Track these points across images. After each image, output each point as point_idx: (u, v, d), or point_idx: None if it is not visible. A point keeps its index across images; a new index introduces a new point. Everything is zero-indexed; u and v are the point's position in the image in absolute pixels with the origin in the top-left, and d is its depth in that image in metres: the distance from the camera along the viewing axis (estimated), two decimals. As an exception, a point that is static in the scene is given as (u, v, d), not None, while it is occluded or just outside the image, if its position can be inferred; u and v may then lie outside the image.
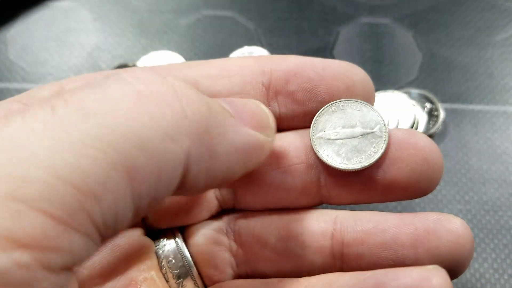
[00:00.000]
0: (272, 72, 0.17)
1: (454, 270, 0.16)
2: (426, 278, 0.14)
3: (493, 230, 0.25)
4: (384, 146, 0.17)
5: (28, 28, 0.31)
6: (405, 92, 0.28)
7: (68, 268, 0.11)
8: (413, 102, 0.27)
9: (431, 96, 0.28)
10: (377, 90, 0.28)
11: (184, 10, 0.32)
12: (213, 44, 0.30)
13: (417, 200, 0.26)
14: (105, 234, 0.12)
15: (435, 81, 0.29)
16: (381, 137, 0.17)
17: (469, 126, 0.28)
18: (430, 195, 0.26)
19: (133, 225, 0.18)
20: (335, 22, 0.31)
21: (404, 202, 0.26)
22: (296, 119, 0.18)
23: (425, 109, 0.27)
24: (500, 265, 0.24)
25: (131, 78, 0.12)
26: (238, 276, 0.18)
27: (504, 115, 0.28)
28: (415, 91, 0.28)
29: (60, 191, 0.10)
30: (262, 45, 0.30)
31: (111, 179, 0.11)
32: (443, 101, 0.28)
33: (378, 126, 0.17)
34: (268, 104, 0.18)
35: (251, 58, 0.18)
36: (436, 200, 0.26)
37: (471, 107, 0.28)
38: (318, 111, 0.17)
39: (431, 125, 0.27)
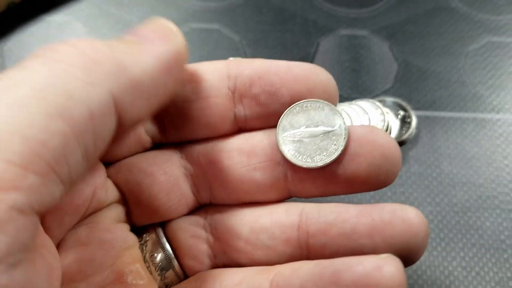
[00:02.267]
0: (237, 76, 0.18)
1: (408, 257, 0.17)
2: (378, 266, 0.15)
3: (461, 230, 0.27)
4: (344, 143, 0.18)
5: (24, 41, 0.33)
6: (380, 100, 0.29)
7: (35, 210, 0.13)
8: (387, 109, 0.28)
9: (404, 104, 0.29)
10: (354, 98, 0.30)
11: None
12: (200, 55, 0.32)
13: (390, 202, 0.27)
14: (61, 172, 0.13)
15: (409, 89, 0.31)
16: (341, 134, 0.18)
17: (440, 132, 0.29)
18: (402, 197, 0.27)
19: (119, 221, 0.19)
20: (316, 34, 0.33)
21: (375, 201, 0.27)
22: (261, 120, 0.19)
23: (399, 116, 0.29)
24: (468, 263, 0.26)
25: (42, 51, 0.14)
26: (216, 265, 0.20)
27: (474, 121, 0.30)
28: (389, 99, 0.29)
29: (10, 141, 0.12)
30: (246, 56, 0.32)
31: (49, 125, 0.13)
32: (416, 108, 0.30)
33: (338, 125, 0.18)
34: (234, 106, 0.19)
35: (221, 62, 0.19)
36: (408, 202, 0.27)
37: (443, 114, 0.30)
38: (282, 112, 0.18)
39: (403, 131, 0.28)
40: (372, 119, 0.27)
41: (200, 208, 0.20)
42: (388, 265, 0.15)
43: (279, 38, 0.32)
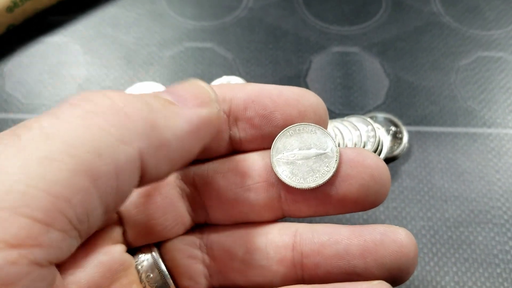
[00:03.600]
0: (232, 99, 0.19)
1: (399, 277, 0.18)
2: None
3: (454, 245, 0.27)
4: (335, 165, 0.18)
5: (23, 62, 0.33)
6: (371, 117, 0.29)
7: (53, 263, 0.13)
8: (378, 125, 0.29)
9: (395, 119, 0.29)
10: (346, 114, 0.30)
11: (167, 42, 0.34)
12: (195, 74, 0.32)
13: (382, 217, 0.27)
14: (81, 229, 0.14)
15: (400, 105, 0.31)
16: (332, 157, 0.19)
17: (432, 147, 0.30)
18: (394, 212, 0.28)
19: (116, 242, 0.20)
20: (308, 52, 0.33)
21: (368, 216, 0.28)
22: (255, 142, 0.19)
23: (390, 132, 0.29)
24: (460, 278, 0.26)
25: (77, 100, 0.15)
26: (211, 286, 0.20)
27: (466, 136, 0.30)
28: (381, 115, 0.30)
29: (36, 197, 0.13)
30: (239, 74, 0.32)
31: (76, 182, 0.13)
32: (407, 124, 0.30)
33: (330, 147, 0.19)
34: (229, 129, 0.19)
35: (214, 87, 0.19)
36: (401, 217, 0.28)
37: (434, 129, 0.30)
38: (275, 134, 0.19)
39: (395, 147, 0.29)
40: (363, 135, 0.28)
41: (196, 227, 0.21)
42: None
43: (271, 56, 0.33)
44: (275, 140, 0.19)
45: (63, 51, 0.34)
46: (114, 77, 0.32)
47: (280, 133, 0.19)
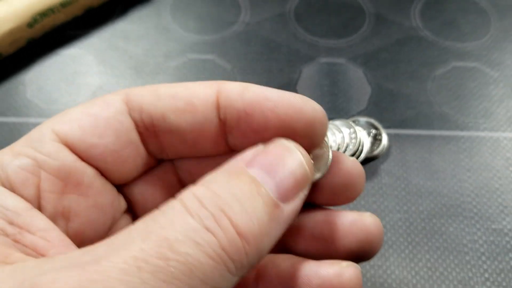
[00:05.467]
0: (227, 109, 0.19)
1: (365, 257, 0.20)
2: (339, 273, 0.18)
3: (427, 235, 0.30)
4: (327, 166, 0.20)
5: (43, 72, 0.37)
6: (354, 120, 0.33)
7: None
8: (360, 128, 0.32)
9: (376, 123, 0.33)
10: (331, 118, 0.33)
11: (173, 54, 0.37)
12: (197, 82, 0.36)
13: (363, 210, 0.31)
14: None
15: (381, 110, 0.34)
16: (326, 162, 0.20)
17: (409, 148, 0.33)
18: (374, 206, 0.31)
19: None
20: (299, 62, 0.37)
21: (352, 205, 0.31)
22: (250, 145, 0.20)
23: (371, 134, 0.32)
24: (433, 264, 0.29)
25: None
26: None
27: (440, 138, 0.33)
28: (363, 119, 0.33)
29: None
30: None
31: None
32: (387, 127, 0.33)
33: (323, 148, 0.20)
34: (225, 136, 0.19)
35: (213, 88, 0.19)
36: (379, 210, 0.31)
37: (411, 131, 0.34)
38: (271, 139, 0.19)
39: (375, 147, 0.32)
40: (346, 137, 0.31)
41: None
42: (349, 273, 0.18)
43: (266, 66, 0.36)
44: None
45: (78, 62, 0.37)
46: (124, 85, 0.36)
47: None
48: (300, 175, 0.17)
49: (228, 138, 0.19)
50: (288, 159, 0.17)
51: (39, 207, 0.18)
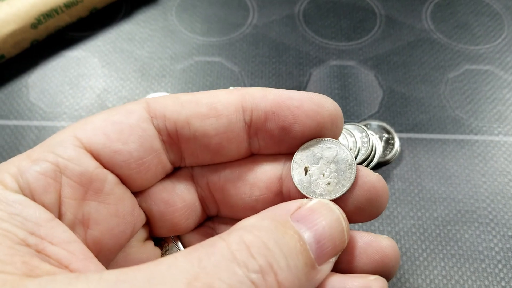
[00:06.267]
0: (253, 110, 0.19)
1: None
2: (367, 286, 0.18)
3: (442, 242, 0.29)
4: (349, 185, 0.19)
5: (46, 74, 0.36)
6: (366, 124, 0.32)
7: None
8: (372, 132, 0.31)
9: (388, 127, 0.32)
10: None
11: (179, 56, 0.37)
12: (204, 85, 0.35)
13: (375, 216, 0.30)
14: None
15: (393, 114, 0.34)
16: (349, 177, 0.19)
17: (422, 153, 0.32)
18: (387, 212, 0.30)
19: (145, 239, 0.21)
20: (308, 65, 0.36)
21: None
22: (272, 148, 0.21)
23: (383, 138, 0.32)
24: (448, 272, 0.28)
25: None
26: None
27: (454, 142, 0.32)
28: (374, 123, 0.32)
29: None
30: (245, 86, 0.35)
31: None
32: (399, 131, 0.33)
33: (347, 163, 0.20)
34: (249, 138, 0.20)
35: (235, 94, 0.19)
36: (393, 216, 0.30)
37: (424, 135, 0.33)
38: (293, 143, 0.20)
39: (387, 152, 0.31)
40: (358, 141, 0.30)
41: (208, 219, 0.23)
42: (375, 286, 0.18)
43: (274, 69, 0.36)
44: (295, 154, 0.20)
45: (83, 64, 0.36)
46: (129, 88, 0.35)
47: (301, 146, 0.20)
48: (338, 240, 0.17)
49: (252, 141, 0.20)
50: (332, 222, 0.18)
51: (59, 214, 0.17)
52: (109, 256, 0.19)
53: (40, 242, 0.16)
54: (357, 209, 0.20)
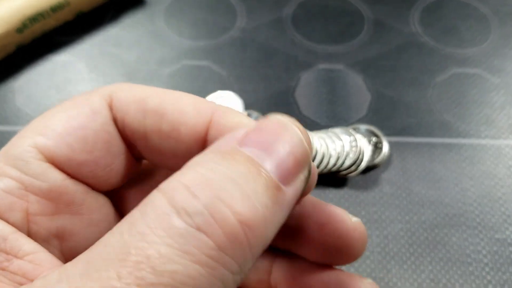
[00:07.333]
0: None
1: None
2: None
3: (430, 246, 0.29)
4: None
5: (32, 79, 0.36)
6: (354, 128, 0.32)
7: None
8: (360, 136, 0.31)
9: (376, 130, 0.32)
10: (331, 126, 0.33)
11: (167, 60, 0.36)
12: (192, 89, 0.35)
13: (364, 220, 0.30)
14: None
15: (381, 117, 0.34)
16: None
17: (410, 156, 0.32)
18: (375, 216, 0.30)
19: None
20: (297, 69, 0.36)
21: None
22: None
23: (371, 142, 0.32)
24: (435, 275, 0.28)
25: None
26: None
27: (442, 146, 0.33)
28: (363, 127, 0.32)
29: None
30: (233, 90, 0.35)
31: None
32: (388, 135, 0.33)
33: None
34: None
35: (204, 116, 0.17)
36: (380, 220, 0.30)
37: (412, 139, 0.33)
38: None
39: (376, 156, 0.31)
40: (346, 145, 0.30)
41: None
42: None
43: (263, 73, 0.36)
44: None
45: (69, 68, 0.36)
46: (117, 92, 0.35)
47: None
48: (300, 154, 0.14)
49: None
50: (286, 136, 0.14)
51: (28, 231, 0.16)
52: None
53: (5, 258, 0.15)
54: (327, 252, 0.18)
